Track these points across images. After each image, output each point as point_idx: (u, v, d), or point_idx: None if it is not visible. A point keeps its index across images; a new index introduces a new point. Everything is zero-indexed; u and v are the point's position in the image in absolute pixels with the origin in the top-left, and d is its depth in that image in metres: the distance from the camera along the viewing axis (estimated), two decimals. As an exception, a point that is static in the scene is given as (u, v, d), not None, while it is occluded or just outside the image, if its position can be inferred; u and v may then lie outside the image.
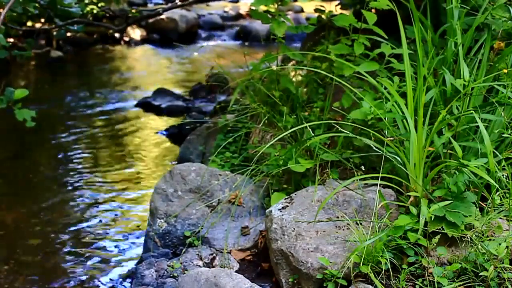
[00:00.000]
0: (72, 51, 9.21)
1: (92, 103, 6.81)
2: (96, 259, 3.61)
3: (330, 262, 2.60)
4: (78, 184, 4.68)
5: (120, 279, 3.38)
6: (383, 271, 2.51)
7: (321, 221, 2.81)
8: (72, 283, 3.37)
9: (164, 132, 5.82)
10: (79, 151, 5.38)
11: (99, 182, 4.72)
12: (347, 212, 2.84)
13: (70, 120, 6.22)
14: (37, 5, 6.19)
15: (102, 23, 8.66)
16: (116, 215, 4.19)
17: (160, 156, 5.29)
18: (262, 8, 3.99)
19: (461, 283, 2.46)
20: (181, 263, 3.08)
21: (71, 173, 4.89)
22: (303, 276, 2.68)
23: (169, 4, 11.06)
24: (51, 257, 3.63)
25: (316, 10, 4.43)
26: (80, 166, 5.03)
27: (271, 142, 3.13)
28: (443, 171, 2.81)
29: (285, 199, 3.04)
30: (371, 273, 2.48)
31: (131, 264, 3.52)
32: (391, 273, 2.52)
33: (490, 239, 2.52)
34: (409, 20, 3.06)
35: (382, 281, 2.52)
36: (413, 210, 2.66)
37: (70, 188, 4.61)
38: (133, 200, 4.42)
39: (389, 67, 3.49)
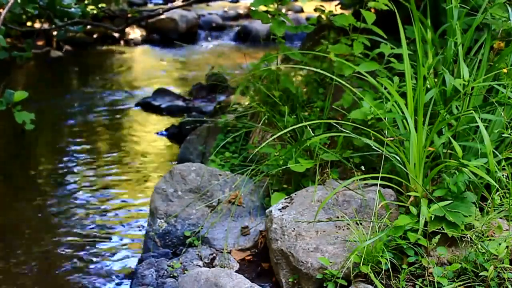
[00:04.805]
0: (72, 51, 9.21)
1: (92, 103, 6.81)
2: (96, 259, 3.61)
3: (330, 262, 2.60)
4: (77, 184, 4.68)
5: (120, 279, 3.38)
6: (383, 271, 2.52)
7: (321, 221, 2.81)
8: (71, 283, 3.37)
9: (164, 132, 5.82)
10: (79, 151, 5.38)
11: (99, 182, 4.72)
12: (347, 212, 2.84)
13: (69, 120, 6.22)
14: (36, 5, 6.20)
15: (102, 24, 8.66)
16: (116, 215, 4.19)
17: (160, 156, 5.29)
18: (262, 8, 3.99)
19: (461, 283, 2.46)
20: (181, 263, 3.08)
21: (71, 173, 4.89)
22: (303, 276, 2.68)
23: (169, 4, 11.08)
24: (51, 257, 3.63)
25: (316, 10, 4.44)
26: (79, 166, 5.03)
27: (268, 141, 3.13)
28: (443, 171, 2.81)
29: (285, 199, 3.04)
30: (371, 273, 2.48)
31: (131, 264, 3.52)
32: (391, 273, 2.52)
33: (490, 239, 2.52)
34: (409, 20, 3.06)
35: (382, 281, 2.52)
36: (413, 210, 2.66)
37: (69, 188, 4.61)
38: (133, 200, 4.42)
39: (389, 67, 3.49)
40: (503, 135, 2.83)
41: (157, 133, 5.85)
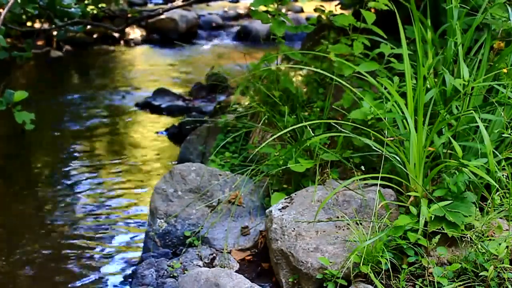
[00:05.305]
0: (72, 51, 9.21)
1: (92, 103, 6.81)
2: (96, 259, 3.61)
3: (330, 262, 2.60)
4: (77, 184, 4.68)
5: (120, 279, 3.38)
6: (383, 271, 2.52)
7: (321, 221, 2.81)
8: (71, 283, 3.37)
9: (164, 132, 5.82)
10: (79, 151, 5.38)
11: (99, 182, 4.72)
12: (347, 212, 2.84)
13: (69, 120, 6.22)
14: (36, 5, 6.20)
15: (102, 24, 8.66)
16: (116, 215, 4.19)
17: (160, 156, 5.29)
18: (262, 8, 3.99)
19: (461, 283, 2.46)
20: (181, 263, 3.08)
21: (71, 173, 4.89)
22: (303, 276, 2.68)
23: (169, 4, 11.07)
24: (51, 257, 3.63)
25: (316, 10, 4.44)
26: (79, 166, 5.03)
27: (268, 141, 3.13)
28: (443, 171, 2.81)
29: (285, 199, 3.04)
30: (371, 273, 2.48)
31: (131, 264, 3.52)
32: (391, 273, 2.52)
33: (490, 239, 2.52)
34: (409, 20, 3.07)
35: (382, 281, 2.52)
36: (413, 210, 2.66)
37: (69, 188, 4.61)
38: (133, 200, 4.42)
39: (389, 67, 3.49)
40: (503, 135, 2.83)
41: (157, 133, 5.85)
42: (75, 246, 3.76)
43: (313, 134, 3.26)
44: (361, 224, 2.76)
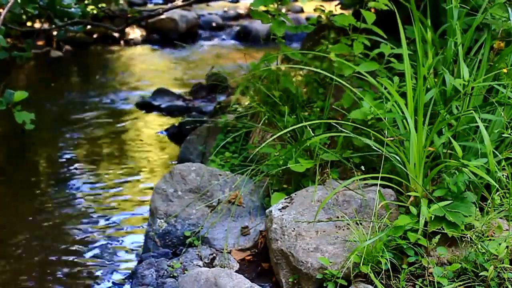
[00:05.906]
0: (72, 51, 9.21)
1: (91, 103, 6.81)
2: (96, 259, 3.61)
3: (330, 262, 2.60)
4: (77, 184, 4.68)
5: (120, 279, 3.38)
6: (383, 271, 2.52)
7: (321, 221, 2.81)
8: (71, 282, 3.37)
9: (164, 132, 5.82)
10: (79, 151, 5.38)
11: (99, 182, 4.72)
12: (347, 212, 2.84)
13: (69, 120, 6.21)
14: (36, 5, 6.20)
15: (102, 24, 8.66)
16: (115, 215, 4.19)
17: (160, 156, 5.29)
18: (262, 8, 3.99)
19: (461, 283, 2.46)
20: (181, 263, 3.08)
21: (71, 173, 4.89)
22: (303, 276, 2.69)
23: (169, 4, 11.07)
24: (51, 257, 3.62)
25: (316, 10, 4.44)
26: (79, 166, 5.03)
27: (268, 141, 3.13)
28: (443, 171, 2.81)
29: (285, 199, 3.04)
30: (371, 273, 2.49)
31: (131, 264, 3.51)
32: (391, 273, 2.53)
33: (490, 239, 2.52)
34: (409, 20, 3.07)
35: (382, 281, 2.52)
36: (413, 210, 2.66)
37: (69, 188, 4.61)
38: (133, 200, 4.42)
39: (389, 67, 3.49)
40: (503, 135, 2.83)
41: (157, 133, 5.85)
42: (74, 246, 3.76)
43: (313, 134, 3.26)
44: (361, 224, 2.76)
